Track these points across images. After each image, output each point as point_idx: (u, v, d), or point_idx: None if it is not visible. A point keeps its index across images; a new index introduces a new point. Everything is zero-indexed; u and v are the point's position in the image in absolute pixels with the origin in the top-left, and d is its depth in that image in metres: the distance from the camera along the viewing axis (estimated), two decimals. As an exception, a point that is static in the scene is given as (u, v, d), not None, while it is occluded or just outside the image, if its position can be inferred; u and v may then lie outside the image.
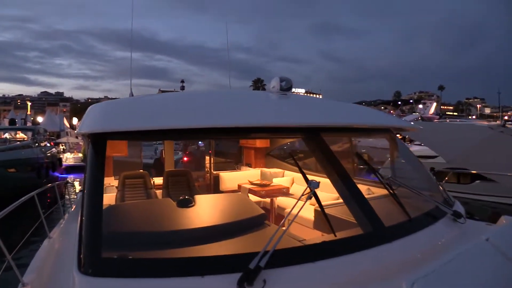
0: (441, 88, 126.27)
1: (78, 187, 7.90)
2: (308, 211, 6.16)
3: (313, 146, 2.78)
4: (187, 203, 3.26)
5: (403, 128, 3.81)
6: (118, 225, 2.72)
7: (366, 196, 2.53)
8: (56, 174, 23.66)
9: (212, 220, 3.18)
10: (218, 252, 2.46)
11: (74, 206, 5.70)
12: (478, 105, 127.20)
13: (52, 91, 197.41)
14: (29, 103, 51.11)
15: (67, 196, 6.38)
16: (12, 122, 24.97)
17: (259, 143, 8.95)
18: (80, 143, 35.46)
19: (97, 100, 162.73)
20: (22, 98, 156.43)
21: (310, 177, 2.46)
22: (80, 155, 31.22)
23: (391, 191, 2.88)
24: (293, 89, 3.49)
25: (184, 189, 6.71)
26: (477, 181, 12.57)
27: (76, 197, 7.11)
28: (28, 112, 43.21)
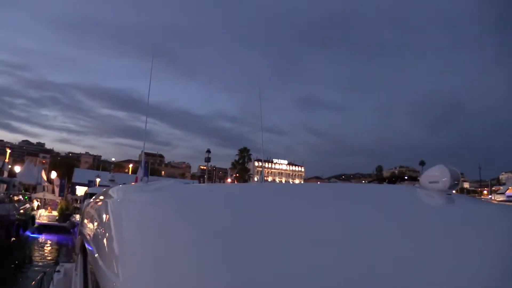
0: (422, 163, 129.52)
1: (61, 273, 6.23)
2: None
3: None
4: None
5: None
6: None
7: None
8: (27, 233, 21.87)
9: None
10: None
11: None
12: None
13: (33, 140, 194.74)
14: (8, 150, 49.29)
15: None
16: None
17: None
18: (57, 200, 33.59)
19: (78, 155, 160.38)
20: (2, 144, 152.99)
21: None
22: (55, 213, 29.38)
23: None
24: (275, 160, 1.82)
25: None
26: None
27: None
28: (6, 160, 41.34)
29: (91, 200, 4.08)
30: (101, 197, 3.01)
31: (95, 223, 2.40)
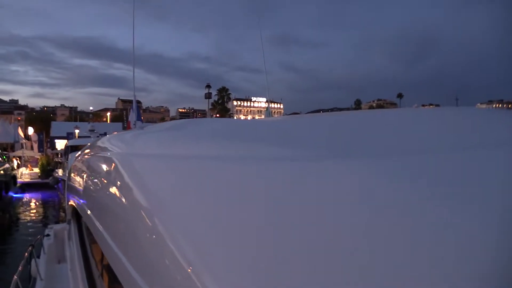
0: (399, 96, 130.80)
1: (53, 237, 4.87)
2: None
3: None
4: None
5: None
6: None
7: None
8: (10, 193, 21.89)
9: None
10: None
11: None
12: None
13: (6, 98, 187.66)
14: (-21, 110, 48.00)
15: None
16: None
17: None
18: (37, 156, 33.38)
19: (53, 109, 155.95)
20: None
21: None
22: (37, 170, 29.28)
23: None
24: (254, 98, 1.72)
25: None
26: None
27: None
28: (-21, 120, 40.39)
29: (80, 155, 3.42)
30: (97, 151, 2.54)
31: (98, 185, 1.99)
